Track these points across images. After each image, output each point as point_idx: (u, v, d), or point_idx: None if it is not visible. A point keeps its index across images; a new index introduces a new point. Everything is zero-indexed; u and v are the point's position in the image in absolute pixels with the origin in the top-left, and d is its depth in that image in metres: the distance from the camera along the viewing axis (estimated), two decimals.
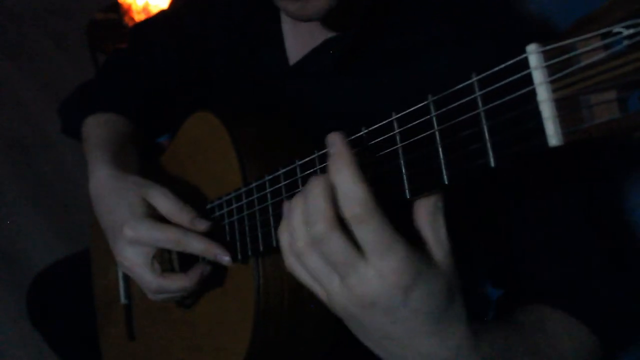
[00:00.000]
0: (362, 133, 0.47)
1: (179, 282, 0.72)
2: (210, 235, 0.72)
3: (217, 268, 0.74)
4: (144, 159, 0.90)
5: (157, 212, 0.74)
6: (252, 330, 0.67)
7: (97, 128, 0.91)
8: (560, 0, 0.78)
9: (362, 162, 0.43)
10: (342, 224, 0.43)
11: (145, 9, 2.08)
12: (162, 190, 0.75)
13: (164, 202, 0.74)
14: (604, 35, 0.31)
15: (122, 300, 0.95)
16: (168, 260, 0.78)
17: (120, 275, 0.95)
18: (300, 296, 0.69)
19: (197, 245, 0.70)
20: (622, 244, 0.74)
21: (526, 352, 0.55)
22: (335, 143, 0.44)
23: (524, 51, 0.34)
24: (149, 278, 0.73)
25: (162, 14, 1.03)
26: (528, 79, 0.34)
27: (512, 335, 0.54)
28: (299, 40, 0.79)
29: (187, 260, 0.77)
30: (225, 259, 0.69)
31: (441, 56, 0.68)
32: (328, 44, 0.76)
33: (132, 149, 0.90)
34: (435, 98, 0.39)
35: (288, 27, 0.81)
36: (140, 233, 0.71)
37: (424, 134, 0.42)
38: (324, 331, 0.73)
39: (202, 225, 0.71)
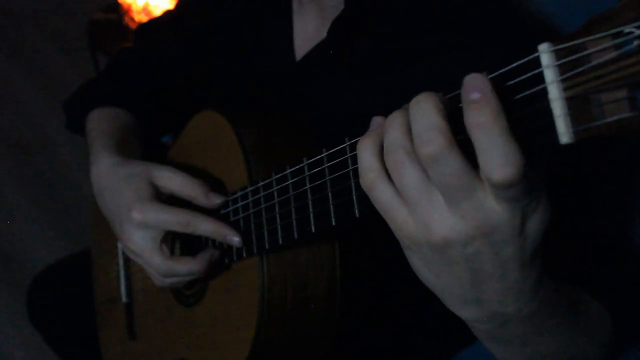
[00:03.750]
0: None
1: (187, 265, 0.72)
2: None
3: (224, 256, 0.74)
4: (146, 156, 0.90)
5: (164, 196, 0.74)
6: (255, 329, 0.68)
7: (100, 121, 0.91)
8: (561, 1, 0.79)
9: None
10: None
11: (145, 9, 2.08)
12: (168, 168, 0.74)
13: (174, 179, 0.73)
14: (615, 35, 0.32)
15: (124, 298, 0.95)
16: (171, 250, 0.78)
17: (121, 273, 0.95)
18: (303, 296, 0.69)
19: (207, 227, 0.70)
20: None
21: (575, 309, 0.53)
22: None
23: (535, 50, 0.34)
24: (158, 261, 0.72)
25: (168, 13, 1.04)
26: (539, 78, 0.34)
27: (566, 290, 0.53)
28: (306, 35, 0.80)
29: (189, 251, 0.77)
30: (235, 239, 0.68)
31: (445, 59, 0.69)
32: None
33: (135, 140, 0.90)
34: (450, 96, 0.40)
35: (298, 21, 0.81)
36: (149, 216, 0.71)
37: None
38: (326, 330, 0.73)
39: (218, 199, 0.71)
